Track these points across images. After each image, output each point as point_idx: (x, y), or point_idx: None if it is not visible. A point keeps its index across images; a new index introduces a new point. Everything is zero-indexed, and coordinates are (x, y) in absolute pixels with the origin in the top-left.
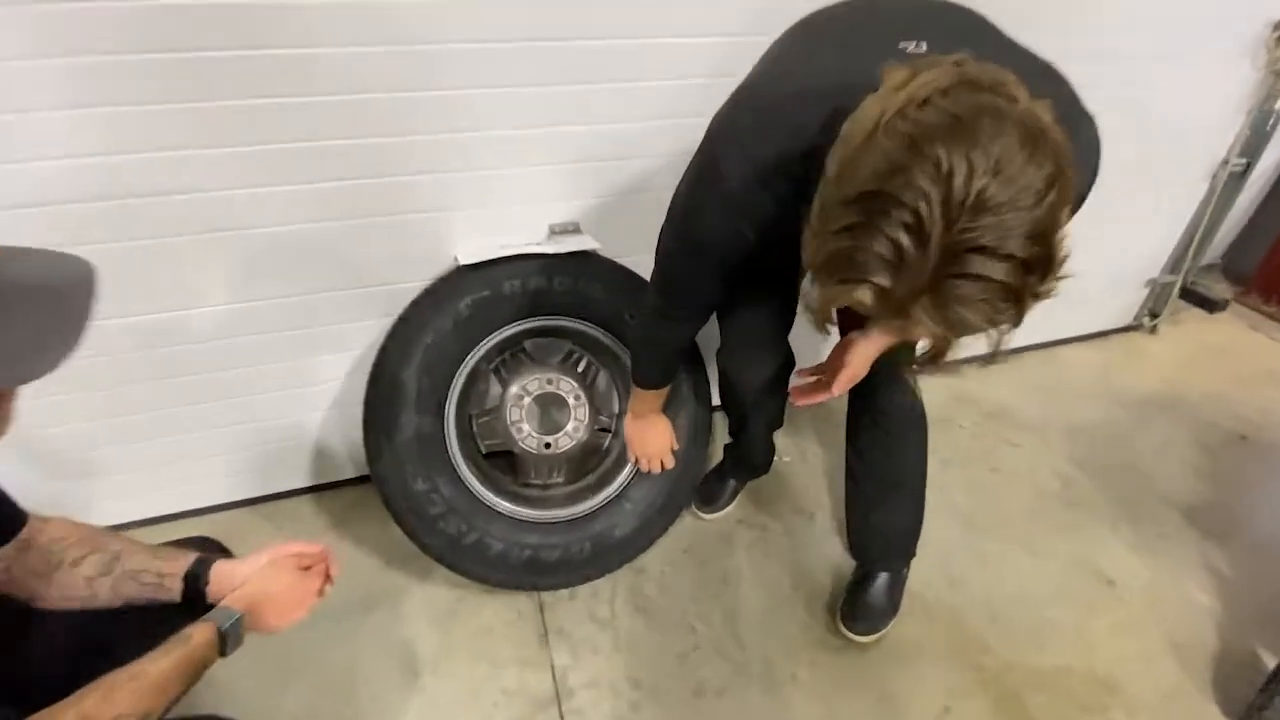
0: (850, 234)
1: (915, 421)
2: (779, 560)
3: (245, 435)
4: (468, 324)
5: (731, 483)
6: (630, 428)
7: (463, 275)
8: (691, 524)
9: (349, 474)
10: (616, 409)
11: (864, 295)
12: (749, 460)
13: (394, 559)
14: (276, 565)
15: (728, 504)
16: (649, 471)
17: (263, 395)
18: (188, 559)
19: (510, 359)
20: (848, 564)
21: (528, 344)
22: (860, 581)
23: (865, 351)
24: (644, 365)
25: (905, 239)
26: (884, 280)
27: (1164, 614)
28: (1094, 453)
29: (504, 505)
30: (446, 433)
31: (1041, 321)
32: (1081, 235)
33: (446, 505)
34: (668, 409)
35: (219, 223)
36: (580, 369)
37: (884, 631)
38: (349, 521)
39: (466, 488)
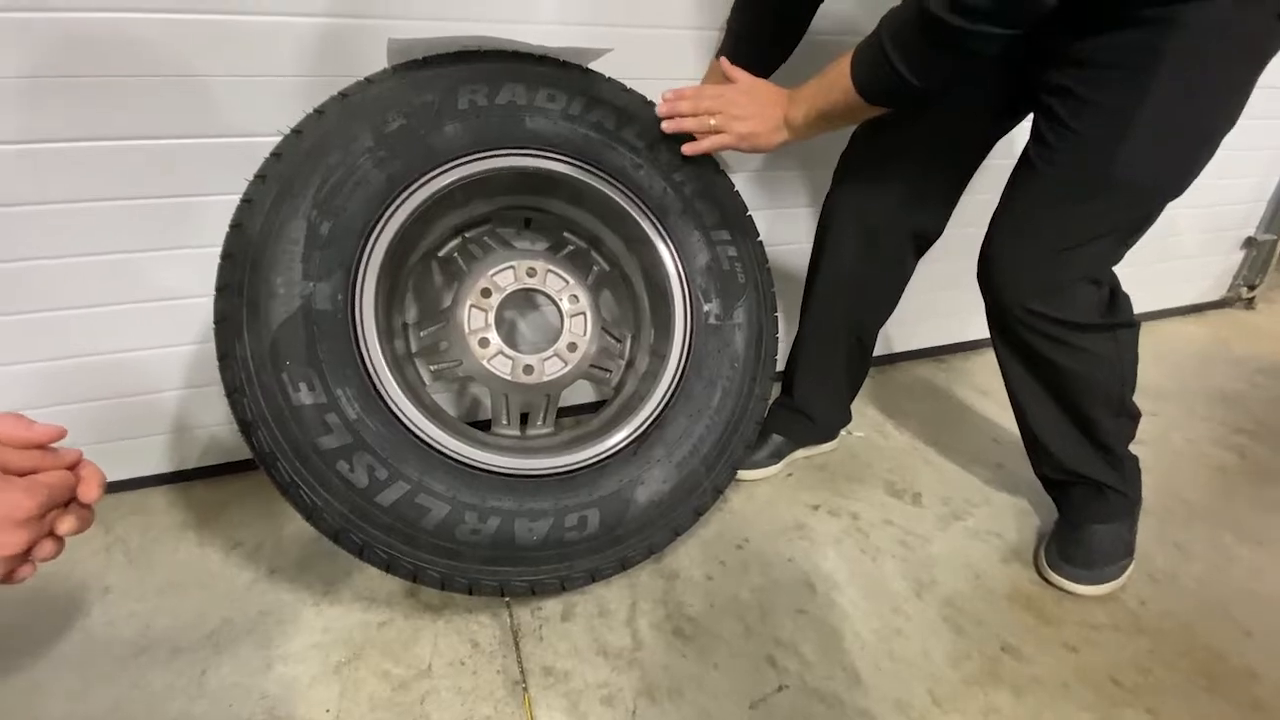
0: None
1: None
2: (889, 559)
3: (59, 391)
4: (396, 146)
5: (775, 439)
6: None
7: (395, 71)
8: (745, 509)
9: (231, 457)
10: (634, 327)
11: None
12: (805, 403)
13: (279, 568)
14: None
15: (770, 463)
16: (708, 148)
17: (83, 334)
18: None
19: (470, 243)
20: (987, 562)
21: (498, 217)
22: (1070, 529)
23: None
24: (907, 63)
25: None
26: None
27: None
28: (1260, 421)
29: (453, 444)
30: (356, 315)
31: (1136, 291)
32: None
33: (350, 433)
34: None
35: None
36: (577, 257)
37: (1118, 582)
38: (217, 520)
39: (387, 406)
